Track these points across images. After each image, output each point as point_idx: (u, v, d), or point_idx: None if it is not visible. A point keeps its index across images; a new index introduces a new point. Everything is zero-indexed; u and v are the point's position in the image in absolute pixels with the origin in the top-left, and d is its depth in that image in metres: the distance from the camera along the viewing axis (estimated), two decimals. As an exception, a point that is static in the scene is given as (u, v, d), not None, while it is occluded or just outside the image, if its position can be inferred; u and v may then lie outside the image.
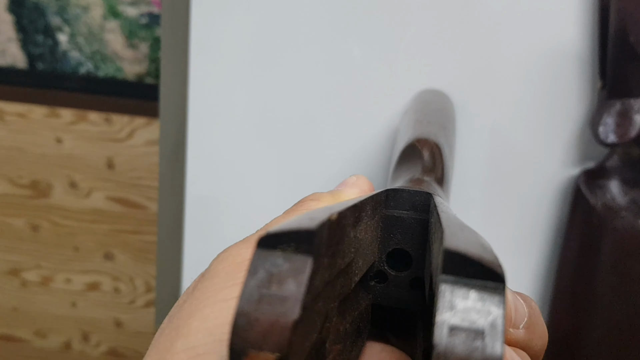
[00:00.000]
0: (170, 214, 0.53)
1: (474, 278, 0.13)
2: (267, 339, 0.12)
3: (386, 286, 0.20)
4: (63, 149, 1.14)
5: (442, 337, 0.12)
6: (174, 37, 0.50)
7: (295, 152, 0.51)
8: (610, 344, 0.48)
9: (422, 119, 0.37)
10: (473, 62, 0.48)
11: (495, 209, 0.50)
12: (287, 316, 0.12)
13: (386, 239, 0.20)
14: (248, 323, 0.12)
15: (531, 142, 0.49)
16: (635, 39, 0.44)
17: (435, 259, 0.16)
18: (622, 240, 0.48)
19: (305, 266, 0.13)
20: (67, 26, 1.07)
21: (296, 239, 0.13)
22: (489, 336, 0.12)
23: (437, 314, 0.12)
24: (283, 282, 0.13)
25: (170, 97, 0.51)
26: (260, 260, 0.13)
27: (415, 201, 0.21)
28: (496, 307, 0.12)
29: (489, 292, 0.13)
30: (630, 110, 0.46)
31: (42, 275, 1.25)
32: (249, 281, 0.13)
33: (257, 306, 0.12)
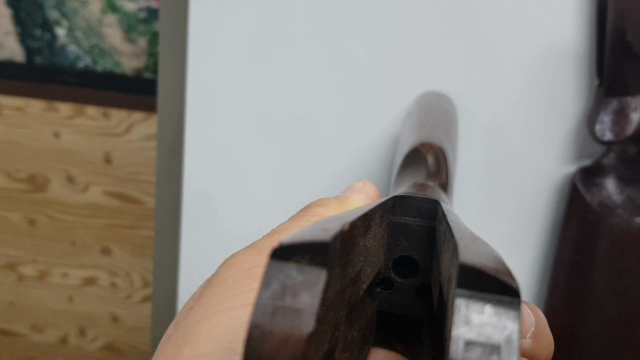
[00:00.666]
0: (168, 208, 0.53)
1: (489, 292, 0.13)
2: (281, 352, 0.12)
3: (392, 293, 0.20)
4: (60, 143, 1.14)
5: (458, 352, 0.12)
6: (173, 31, 0.50)
7: (293, 149, 0.51)
8: (605, 339, 0.49)
9: (425, 123, 0.37)
10: (470, 61, 0.48)
11: (492, 206, 0.51)
12: (302, 329, 0.12)
13: (392, 245, 0.20)
14: (262, 335, 0.12)
15: (528, 140, 0.49)
16: (632, 37, 0.44)
17: (445, 270, 0.16)
18: (618, 238, 0.48)
19: (319, 278, 0.13)
20: (65, 20, 1.07)
21: (310, 251, 0.13)
22: (504, 351, 0.12)
23: (453, 328, 0.12)
24: (297, 294, 0.13)
25: (168, 91, 0.51)
26: (274, 272, 0.13)
27: (422, 208, 0.21)
28: (512, 322, 0.12)
29: (505, 307, 0.13)
30: (627, 108, 0.46)
31: (38, 270, 1.25)
32: (263, 293, 0.13)
33: (271, 318, 0.12)
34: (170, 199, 0.53)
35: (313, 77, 0.49)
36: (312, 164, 0.51)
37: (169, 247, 0.54)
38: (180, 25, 0.49)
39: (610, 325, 0.49)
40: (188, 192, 0.51)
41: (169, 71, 0.51)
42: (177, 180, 0.52)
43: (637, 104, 0.46)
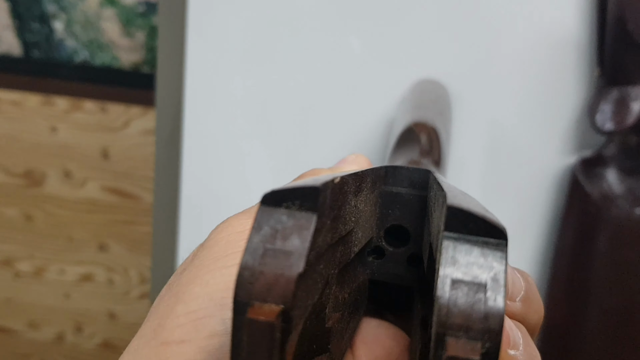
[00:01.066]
0: (166, 203, 0.53)
1: (476, 235, 0.13)
2: (271, 291, 0.12)
3: (383, 262, 0.20)
4: (58, 138, 1.14)
5: (444, 290, 0.12)
6: (172, 25, 0.50)
7: (292, 142, 0.51)
8: (606, 330, 0.49)
9: (419, 105, 0.38)
10: (471, 51, 0.48)
11: (492, 197, 0.51)
12: (292, 270, 0.12)
13: (384, 215, 0.20)
14: (252, 276, 0.12)
15: (528, 131, 0.49)
16: (633, 27, 0.44)
17: (435, 225, 0.16)
18: (618, 229, 0.48)
19: (309, 223, 0.13)
20: (63, 14, 1.07)
21: (301, 197, 0.13)
22: (491, 290, 0.12)
23: (440, 268, 0.12)
24: (287, 237, 0.13)
25: (166, 85, 0.51)
26: (265, 217, 0.13)
27: (414, 178, 0.21)
28: (498, 263, 0.12)
29: (491, 248, 0.13)
30: (627, 98, 0.46)
31: (35, 266, 1.24)
32: (254, 236, 0.13)
33: (261, 260, 0.12)
34: (169, 194, 0.53)
35: (311, 69, 0.49)
36: (311, 154, 0.51)
37: (167, 243, 0.54)
38: (179, 19, 0.49)
39: (610, 316, 0.49)
40: (186, 186, 0.51)
41: (168, 65, 0.51)
42: (176, 175, 0.52)
43: (637, 94, 0.46)
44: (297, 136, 0.50)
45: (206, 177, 0.51)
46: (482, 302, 0.12)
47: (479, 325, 0.12)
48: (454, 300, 0.12)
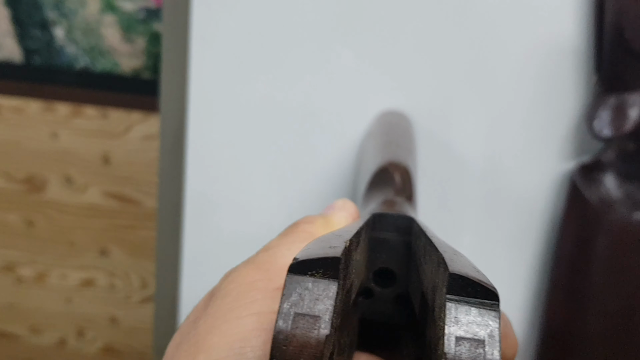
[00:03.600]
0: (170, 208, 0.54)
1: (473, 297, 0.15)
2: (303, 352, 0.14)
3: (372, 302, 0.22)
4: (59, 143, 1.14)
5: (450, 346, 0.14)
6: (175, 30, 0.50)
7: (293, 148, 0.51)
8: (606, 336, 0.49)
9: (390, 142, 0.40)
10: (469, 58, 0.48)
11: (492, 204, 0.51)
12: (320, 332, 0.14)
13: (373, 259, 0.22)
14: (286, 339, 0.14)
15: (527, 137, 0.49)
16: (630, 34, 0.44)
17: (429, 279, 0.18)
18: (617, 234, 0.48)
19: (332, 289, 0.15)
20: (63, 20, 1.07)
21: (324, 266, 0.15)
22: (488, 345, 0.14)
23: (445, 327, 0.14)
24: (314, 303, 0.15)
25: (170, 90, 0.51)
26: (293, 285, 0.15)
27: (399, 224, 0.23)
28: (493, 321, 0.15)
29: (487, 308, 0.15)
30: (625, 105, 0.46)
31: (37, 271, 1.25)
32: (284, 303, 0.15)
33: (293, 324, 0.14)
34: (173, 199, 0.53)
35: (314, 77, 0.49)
36: (314, 164, 0.51)
37: (171, 248, 0.55)
38: (183, 24, 0.50)
39: (610, 321, 0.49)
40: (190, 192, 0.52)
41: (172, 70, 0.51)
42: (180, 180, 0.53)
43: (635, 100, 0.46)
44: (298, 142, 0.51)
45: (210, 181, 0.52)
46: (482, 357, 0.14)
47: None
48: (459, 356, 0.14)
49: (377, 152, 0.38)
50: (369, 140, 0.44)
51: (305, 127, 0.50)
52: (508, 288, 0.53)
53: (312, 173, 0.51)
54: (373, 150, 0.39)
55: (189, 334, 0.20)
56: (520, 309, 0.53)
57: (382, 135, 0.42)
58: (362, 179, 0.36)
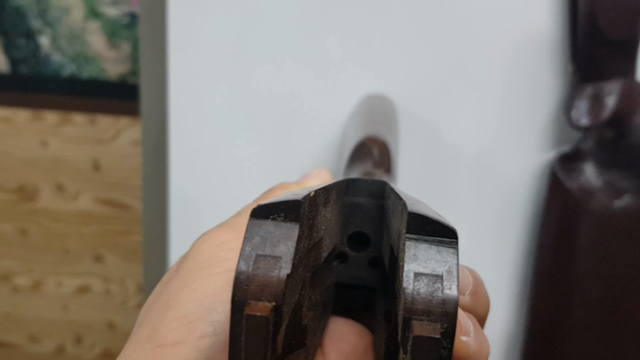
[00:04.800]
0: (156, 212, 0.54)
1: (432, 235, 0.15)
2: (264, 290, 0.14)
3: (347, 266, 0.23)
4: (49, 152, 1.14)
5: (409, 282, 0.14)
6: (153, 35, 0.51)
7: (274, 147, 0.51)
8: (591, 322, 0.49)
9: (369, 120, 0.41)
10: (449, 51, 0.48)
11: (475, 196, 0.51)
12: (281, 272, 0.14)
13: (347, 223, 0.22)
14: (247, 279, 0.14)
15: (507, 129, 0.50)
16: (604, 23, 0.44)
17: (395, 230, 0.18)
18: (599, 222, 0.48)
19: (293, 231, 0.15)
20: (48, 28, 1.07)
21: (285, 209, 0.15)
22: (446, 280, 0.14)
23: (404, 264, 0.15)
24: (275, 244, 0.15)
25: (151, 96, 0.52)
26: (255, 228, 0.15)
27: (372, 189, 0.23)
28: (451, 257, 0.15)
29: (445, 245, 0.15)
30: (601, 93, 0.46)
31: (33, 280, 1.25)
32: (246, 245, 0.15)
33: (254, 265, 0.14)
34: (158, 202, 0.54)
35: (294, 75, 0.49)
36: (295, 160, 0.51)
37: (158, 251, 0.55)
38: (160, 30, 0.50)
39: (595, 308, 0.49)
40: (175, 194, 0.52)
41: (151, 76, 0.51)
42: (164, 184, 0.53)
43: (611, 89, 0.46)
44: (279, 141, 0.51)
45: (194, 183, 0.52)
46: (440, 290, 0.14)
47: (438, 310, 0.14)
48: (417, 290, 0.14)
49: (357, 130, 0.38)
50: (351, 121, 0.44)
51: (283, 127, 0.51)
52: (494, 278, 0.53)
53: (294, 170, 0.51)
54: (354, 129, 0.40)
55: (161, 293, 0.21)
56: (507, 298, 0.54)
57: (362, 115, 0.42)
58: (344, 157, 0.37)
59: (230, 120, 0.51)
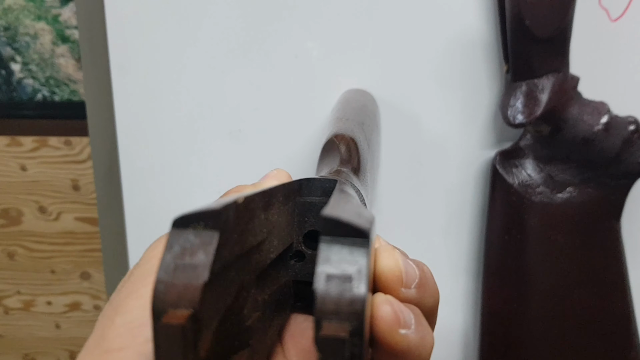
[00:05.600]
0: (112, 230, 0.55)
1: (346, 237, 0.16)
2: (181, 298, 0.14)
3: (304, 264, 0.23)
4: (28, 175, 1.15)
5: (320, 283, 0.15)
6: (96, 61, 0.51)
7: (227, 157, 0.52)
8: (543, 312, 0.50)
9: (341, 117, 0.40)
10: (387, 60, 0.49)
11: (422, 195, 0.52)
12: (198, 279, 0.15)
13: (302, 222, 0.23)
14: (166, 288, 0.15)
15: (451, 131, 0.50)
16: (530, 21, 0.45)
17: None
18: (543, 215, 0.49)
19: (212, 240, 0.15)
20: (18, 55, 1.08)
21: (204, 218, 0.16)
22: (355, 280, 0.15)
23: (317, 266, 0.15)
24: (194, 253, 0.15)
25: (97, 119, 0.52)
26: (175, 237, 0.15)
27: (326, 188, 0.24)
28: (362, 257, 0.15)
29: (357, 246, 0.16)
30: (535, 90, 0.47)
31: (23, 301, 1.26)
32: (166, 255, 0.15)
33: (173, 274, 0.15)
34: (114, 220, 0.54)
35: (240, 87, 0.50)
36: (246, 171, 0.52)
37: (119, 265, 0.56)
38: (102, 54, 0.50)
39: (544, 299, 0.50)
40: (130, 211, 0.53)
41: (96, 98, 0.52)
42: (119, 202, 0.53)
43: (543, 85, 0.47)
44: (231, 149, 0.51)
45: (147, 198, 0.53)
46: (348, 290, 0.15)
47: (346, 309, 0.15)
48: (328, 291, 0.15)
49: (328, 128, 0.38)
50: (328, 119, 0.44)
51: (235, 135, 0.51)
52: (448, 277, 0.54)
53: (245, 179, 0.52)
54: (327, 126, 0.40)
55: (113, 300, 0.21)
56: (462, 295, 0.54)
57: (337, 112, 0.42)
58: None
59: (177, 134, 0.51)
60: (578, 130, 0.47)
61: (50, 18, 1.05)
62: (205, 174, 0.52)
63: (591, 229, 0.49)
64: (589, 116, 0.47)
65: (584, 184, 0.49)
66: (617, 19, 0.49)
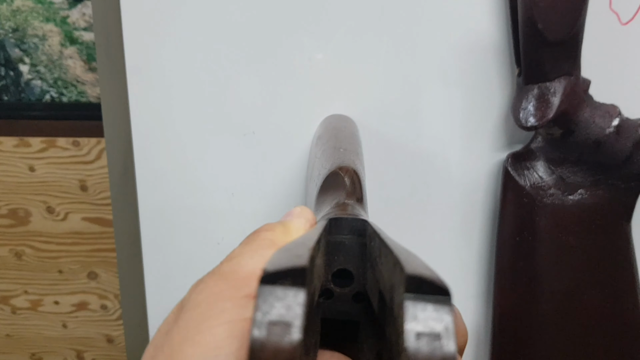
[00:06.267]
0: (127, 231, 0.55)
1: (428, 294, 0.16)
2: (277, 356, 0.15)
3: (332, 302, 0.23)
4: (36, 176, 1.16)
5: (411, 341, 0.15)
6: (111, 63, 0.52)
7: (240, 159, 0.52)
8: (553, 313, 0.50)
9: (338, 147, 0.41)
10: (400, 63, 0.49)
11: (434, 197, 0.52)
12: (292, 338, 0.15)
13: (330, 261, 0.24)
14: (261, 346, 0.15)
15: (463, 135, 0.51)
16: (543, 25, 0.45)
17: (387, 279, 0.19)
18: (554, 216, 0.50)
19: (301, 296, 0.16)
20: (27, 57, 1.09)
21: (292, 275, 0.16)
22: (444, 337, 0.15)
23: (405, 324, 0.16)
24: (285, 311, 0.16)
25: (113, 120, 0.53)
26: (265, 295, 0.16)
27: (353, 226, 0.24)
28: (447, 315, 0.16)
29: (441, 303, 0.16)
30: (547, 93, 0.47)
31: (30, 301, 1.27)
32: (258, 312, 0.15)
33: (267, 332, 0.15)
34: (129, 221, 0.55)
35: (255, 89, 0.50)
36: (260, 173, 0.52)
37: (133, 267, 0.56)
38: (118, 56, 0.51)
39: (555, 300, 0.50)
40: (144, 213, 0.53)
41: (111, 98, 0.52)
42: (133, 202, 0.54)
43: (555, 89, 0.47)
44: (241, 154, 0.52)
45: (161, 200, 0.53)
46: (439, 349, 0.15)
47: None
48: (419, 349, 0.15)
49: (326, 157, 0.39)
50: (317, 145, 0.45)
51: (246, 140, 0.52)
52: (459, 278, 0.54)
53: (258, 185, 0.53)
54: (322, 155, 0.41)
55: (163, 346, 0.20)
56: (473, 296, 0.55)
57: (329, 140, 0.43)
58: (313, 183, 0.38)
59: (191, 135, 0.52)
60: (589, 133, 0.48)
61: (59, 20, 1.05)
62: (219, 175, 0.53)
63: (602, 231, 0.50)
64: (601, 119, 0.47)
65: (595, 186, 0.49)
66: (627, 22, 0.49)
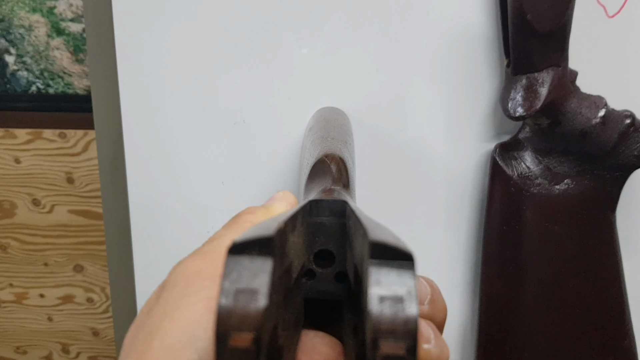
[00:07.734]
0: (117, 223, 0.55)
1: (392, 260, 0.17)
2: (244, 322, 0.15)
3: (315, 282, 0.24)
4: (22, 168, 1.15)
5: (374, 304, 0.16)
6: (101, 51, 0.51)
7: (231, 148, 0.52)
8: (539, 300, 0.51)
9: (326, 136, 0.42)
10: (389, 54, 0.50)
11: (423, 187, 0.53)
12: (258, 305, 0.16)
13: (312, 242, 0.24)
14: (228, 313, 0.15)
15: (451, 124, 0.51)
16: (532, 16, 0.46)
17: (358, 251, 0.20)
18: (541, 206, 0.50)
19: (268, 265, 0.16)
20: (12, 47, 1.08)
21: (259, 245, 0.17)
22: (407, 300, 0.16)
23: (369, 288, 0.16)
24: (251, 279, 0.16)
25: (103, 110, 0.53)
26: (232, 264, 0.16)
27: (333, 208, 0.25)
28: (410, 279, 0.16)
29: (404, 268, 0.17)
30: (535, 84, 0.48)
31: (15, 294, 1.26)
32: (225, 281, 0.16)
33: (233, 299, 0.16)
34: (118, 213, 0.55)
35: (245, 78, 0.50)
36: (250, 162, 0.52)
37: (123, 259, 0.56)
38: (109, 46, 0.51)
39: (542, 288, 0.51)
40: (134, 205, 0.53)
41: (102, 90, 0.52)
42: (123, 195, 0.54)
43: (543, 79, 0.48)
44: (233, 146, 0.52)
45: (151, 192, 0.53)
46: (401, 311, 0.16)
47: (401, 329, 0.15)
48: (381, 312, 0.16)
49: (315, 146, 0.39)
50: (308, 136, 0.46)
51: (236, 132, 0.52)
52: (447, 266, 0.55)
53: (245, 175, 0.53)
54: (311, 145, 0.41)
55: (144, 324, 0.21)
56: (460, 284, 0.55)
57: (319, 130, 0.43)
58: (303, 172, 0.38)
59: (182, 127, 0.52)
60: (576, 123, 0.48)
61: (45, 10, 1.04)
62: (210, 165, 0.53)
63: (587, 220, 0.51)
64: (587, 110, 0.48)
65: (581, 176, 0.50)
66: (614, 15, 0.50)
